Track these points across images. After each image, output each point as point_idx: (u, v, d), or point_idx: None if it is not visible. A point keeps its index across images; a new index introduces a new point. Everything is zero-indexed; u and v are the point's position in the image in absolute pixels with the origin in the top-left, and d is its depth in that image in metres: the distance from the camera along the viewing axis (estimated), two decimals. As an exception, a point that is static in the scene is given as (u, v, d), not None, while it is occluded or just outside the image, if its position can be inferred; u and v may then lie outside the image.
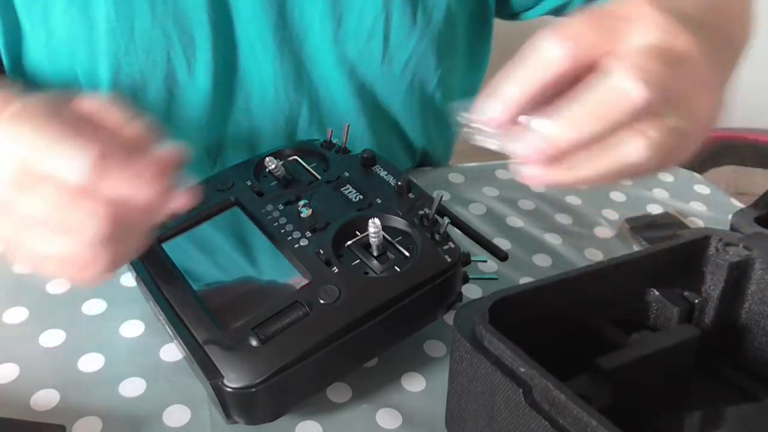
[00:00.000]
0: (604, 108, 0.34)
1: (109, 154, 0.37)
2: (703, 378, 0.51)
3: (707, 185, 0.83)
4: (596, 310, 0.49)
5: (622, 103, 0.34)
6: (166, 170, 0.39)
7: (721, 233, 0.51)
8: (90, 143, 0.37)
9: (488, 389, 0.41)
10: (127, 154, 0.38)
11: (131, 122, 0.41)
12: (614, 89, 0.34)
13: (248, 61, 0.65)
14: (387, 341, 0.52)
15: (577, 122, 0.35)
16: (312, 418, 0.50)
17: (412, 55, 0.68)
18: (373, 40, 0.66)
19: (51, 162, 0.37)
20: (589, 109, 0.35)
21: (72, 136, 0.37)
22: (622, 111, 0.34)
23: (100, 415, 0.49)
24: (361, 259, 0.50)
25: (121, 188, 0.38)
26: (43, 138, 0.38)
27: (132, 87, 0.63)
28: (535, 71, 0.36)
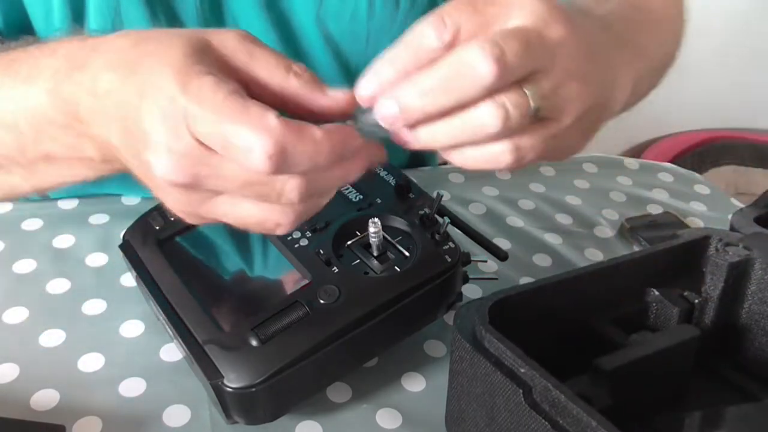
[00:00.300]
0: (453, 80, 0.35)
1: (285, 138, 0.35)
2: (703, 378, 0.51)
3: (707, 185, 0.83)
4: (596, 310, 0.49)
5: (470, 77, 0.35)
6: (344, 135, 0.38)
7: (721, 233, 0.51)
8: (263, 132, 0.35)
9: (488, 389, 0.41)
10: (300, 131, 0.36)
11: (288, 72, 0.39)
12: (463, 63, 0.35)
13: None
14: (387, 341, 0.52)
15: (426, 93, 0.36)
16: (312, 418, 0.50)
17: (396, 35, 0.68)
18: (357, 21, 0.66)
19: (229, 152, 0.36)
20: (437, 81, 0.35)
21: (243, 121, 0.35)
22: (470, 84, 0.35)
23: (100, 415, 0.49)
24: (361, 259, 0.50)
25: (307, 165, 0.37)
26: (211, 117, 0.35)
27: None
28: (409, 54, 0.37)
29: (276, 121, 0.35)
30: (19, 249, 0.62)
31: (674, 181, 0.83)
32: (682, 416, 0.49)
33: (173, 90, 0.36)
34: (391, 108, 0.37)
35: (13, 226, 0.64)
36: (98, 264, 0.61)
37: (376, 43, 0.68)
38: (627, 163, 0.85)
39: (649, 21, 0.56)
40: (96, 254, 0.62)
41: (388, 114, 0.37)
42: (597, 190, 0.79)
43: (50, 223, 0.65)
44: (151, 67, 0.37)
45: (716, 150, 1.82)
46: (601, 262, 0.50)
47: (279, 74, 0.39)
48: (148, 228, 0.55)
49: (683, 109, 1.84)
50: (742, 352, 0.52)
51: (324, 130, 0.37)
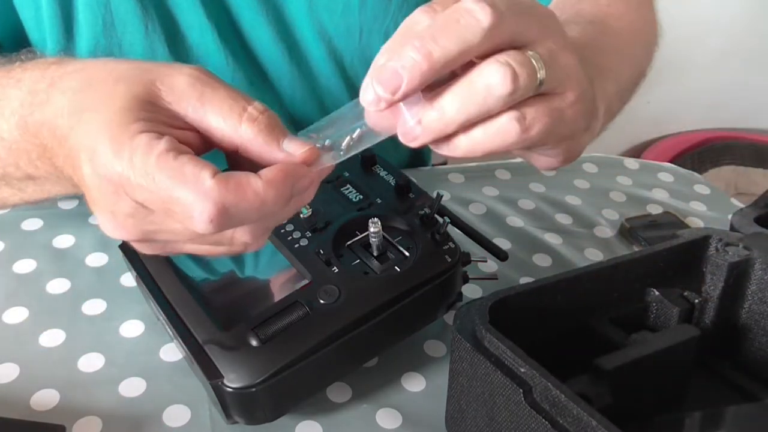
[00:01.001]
0: (453, 27, 0.34)
1: (225, 199, 0.34)
2: (703, 378, 0.51)
3: (707, 185, 0.83)
4: (596, 310, 0.49)
5: (469, 22, 0.34)
6: (290, 177, 0.37)
7: (721, 233, 0.51)
8: (200, 196, 0.34)
9: (488, 389, 0.41)
10: (240, 187, 0.35)
11: (241, 118, 0.37)
12: (461, 9, 0.34)
13: None
14: (387, 341, 0.52)
15: (427, 41, 0.34)
16: (312, 418, 0.50)
17: (389, 28, 0.68)
18: (349, 14, 0.66)
19: (169, 216, 0.36)
20: (437, 30, 0.35)
21: (178, 186, 0.34)
22: (470, 29, 0.34)
23: (100, 415, 0.49)
24: (361, 259, 0.50)
25: (253, 219, 0.36)
26: (145, 184, 0.34)
27: None
28: (405, 43, 0.36)
29: (212, 183, 0.34)
30: (19, 249, 0.62)
31: (674, 181, 0.83)
32: (682, 416, 0.49)
33: (108, 157, 0.35)
34: (391, 68, 0.35)
35: (13, 226, 0.64)
36: (98, 264, 0.61)
37: (369, 37, 0.68)
38: (627, 163, 0.85)
39: (617, 45, 0.56)
40: (96, 254, 0.62)
41: (389, 74, 0.35)
42: (597, 190, 0.79)
43: (50, 223, 0.65)
44: (87, 130, 0.37)
45: (716, 150, 1.82)
46: (601, 262, 0.50)
47: (231, 122, 0.37)
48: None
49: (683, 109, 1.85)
50: (742, 352, 0.52)
51: (267, 180, 0.35)
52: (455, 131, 0.37)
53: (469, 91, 0.35)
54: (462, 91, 0.35)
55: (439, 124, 0.36)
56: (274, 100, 0.69)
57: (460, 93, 0.35)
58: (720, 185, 1.49)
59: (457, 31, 0.34)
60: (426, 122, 0.36)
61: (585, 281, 0.47)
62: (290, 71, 0.68)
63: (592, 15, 0.58)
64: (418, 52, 0.34)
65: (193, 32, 0.63)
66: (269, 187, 0.35)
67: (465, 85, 0.35)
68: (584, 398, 0.37)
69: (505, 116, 0.36)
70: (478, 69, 0.35)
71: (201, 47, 0.64)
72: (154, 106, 0.37)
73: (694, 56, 1.78)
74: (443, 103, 0.36)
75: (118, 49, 0.62)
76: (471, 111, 0.36)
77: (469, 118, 0.36)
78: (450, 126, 0.36)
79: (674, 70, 1.74)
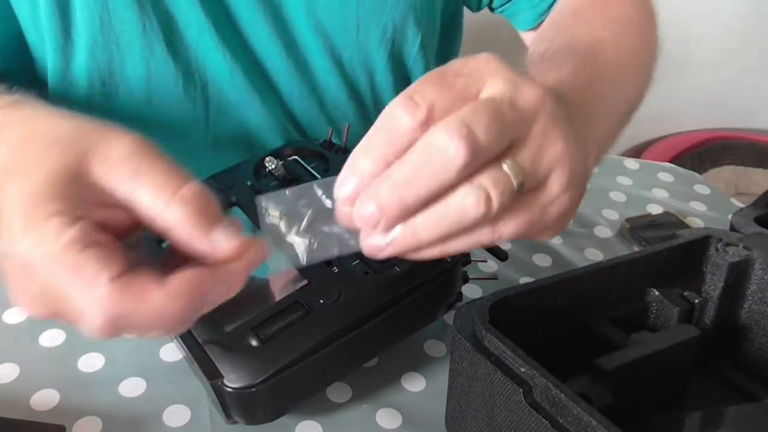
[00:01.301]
0: (425, 168, 0.33)
1: (118, 308, 0.33)
2: (703, 378, 0.51)
3: (707, 185, 0.83)
4: (596, 310, 0.49)
5: (441, 162, 0.33)
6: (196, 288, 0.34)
7: (721, 233, 0.51)
8: (92, 299, 0.33)
9: (488, 389, 0.41)
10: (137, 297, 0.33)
11: (170, 202, 0.35)
12: (432, 148, 0.33)
13: None
14: (387, 341, 0.52)
15: (402, 185, 0.34)
16: (312, 418, 0.50)
17: (387, 24, 0.68)
18: (346, 9, 0.66)
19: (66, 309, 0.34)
20: (411, 172, 0.33)
21: (73, 283, 0.33)
22: (443, 169, 0.33)
23: (100, 415, 0.49)
24: (361, 259, 0.50)
25: (146, 329, 0.34)
26: (46, 272, 0.33)
27: (109, 63, 0.63)
28: (385, 140, 0.35)
29: (106, 289, 0.32)
30: None
31: (674, 181, 0.83)
32: (682, 416, 0.49)
33: (18, 234, 0.33)
34: (369, 208, 0.34)
35: (13, 226, 0.64)
36: (98, 264, 0.61)
37: (366, 33, 0.68)
38: (627, 163, 0.85)
39: (611, 77, 0.54)
40: (96, 254, 0.62)
41: (367, 214, 0.34)
42: (597, 190, 0.79)
43: (50, 223, 0.65)
44: (10, 196, 0.35)
45: (716, 150, 1.82)
46: (601, 262, 0.50)
47: (160, 202, 0.35)
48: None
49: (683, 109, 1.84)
50: (742, 352, 0.52)
51: (169, 294, 0.33)
52: None
53: (443, 214, 0.34)
54: (436, 213, 0.34)
55: (410, 243, 0.35)
56: (274, 97, 0.69)
57: (435, 215, 0.34)
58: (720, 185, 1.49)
59: (430, 173, 0.33)
60: (397, 240, 0.35)
61: (585, 281, 0.47)
62: (288, 68, 0.68)
63: (586, 45, 0.56)
64: (392, 195, 0.34)
65: (192, 30, 0.63)
66: (170, 301, 0.33)
67: (439, 209, 0.34)
68: (584, 398, 0.37)
69: (478, 229, 0.36)
70: (452, 193, 0.34)
71: (199, 45, 0.64)
72: (82, 179, 0.35)
73: (695, 56, 1.78)
74: (416, 224, 0.35)
75: (116, 48, 0.62)
76: (444, 232, 0.35)
77: (442, 238, 0.35)
78: (421, 244, 0.36)
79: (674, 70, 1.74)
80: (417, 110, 0.34)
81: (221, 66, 0.65)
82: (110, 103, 0.65)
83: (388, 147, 0.34)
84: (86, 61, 0.62)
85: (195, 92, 0.66)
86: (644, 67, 0.62)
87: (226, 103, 0.67)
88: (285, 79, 0.68)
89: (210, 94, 0.66)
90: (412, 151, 0.34)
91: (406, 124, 0.34)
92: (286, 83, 0.69)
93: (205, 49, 0.64)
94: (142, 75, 0.64)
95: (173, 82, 0.65)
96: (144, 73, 0.64)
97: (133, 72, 0.63)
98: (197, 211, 0.35)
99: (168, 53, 0.63)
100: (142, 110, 0.65)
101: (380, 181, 0.34)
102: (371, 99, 0.73)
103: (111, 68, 0.63)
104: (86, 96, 0.64)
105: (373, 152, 0.35)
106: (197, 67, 0.65)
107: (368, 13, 0.67)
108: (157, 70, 0.64)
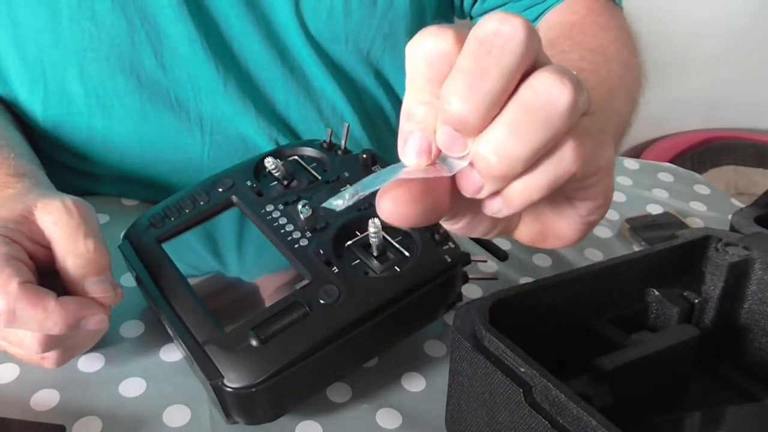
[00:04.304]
0: (543, 111, 0.30)
1: (18, 303, 0.43)
2: (703, 378, 0.51)
3: (707, 185, 0.83)
4: (596, 310, 0.49)
5: (556, 102, 0.30)
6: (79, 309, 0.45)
7: (721, 233, 0.51)
8: (4, 293, 0.43)
9: (488, 389, 0.41)
10: (35, 299, 0.43)
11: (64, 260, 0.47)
12: (544, 91, 0.30)
13: None
14: (387, 341, 0.52)
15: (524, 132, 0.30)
16: (312, 418, 0.50)
17: (376, 35, 0.68)
18: (334, 19, 0.66)
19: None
20: (529, 117, 0.30)
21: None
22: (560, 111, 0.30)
23: (100, 415, 0.49)
24: (361, 259, 0.50)
25: (36, 328, 0.44)
26: None
27: (100, 76, 0.63)
28: None
29: (15, 287, 0.43)
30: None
31: (674, 181, 0.83)
32: (682, 416, 0.49)
33: None
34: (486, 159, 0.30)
35: (13, 226, 0.64)
36: (98, 264, 0.61)
37: (356, 44, 0.68)
38: (627, 163, 0.85)
39: (620, 83, 0.54)
40: (96, 254, 0.62)
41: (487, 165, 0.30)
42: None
43: (50, 223, 0.65)
44: None
45: (716, 150, 1.82)
46: (601, 262, 0.50)
47: (61, 257, 0.47)
48: (148, 228, 0.55)
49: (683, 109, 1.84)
50: (742, 352, 0.52)
51: (59, 302, 0.44)
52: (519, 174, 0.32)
53: (542, 169, 0.31)
54: (520, 118, 0.30)
55: (503, 168, 0.31)
56: (267, 108, 0.69)
57: (519, 122, 0.30)
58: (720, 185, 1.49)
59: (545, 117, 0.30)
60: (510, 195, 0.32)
61: (585, 281, 0.47)
62: (283, 77, 0.68)
63: (596, 46, 0.57)
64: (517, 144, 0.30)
65: (183, 44, 0.63)
66: (58, 307, 0.44)
67: (522, 109, 0.30)
68: (584, 398, 0.37)
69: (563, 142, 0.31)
70: (528, 86, 0.30)
71: (192, 58, 0.64)
72: (24, 223, 0.47)
73: (694, 56, 1.78)
74: (505, 142, 0.30)
75: (106, 62, 0.62)
76: (537, 141, 0.30)
77: (535, 150, 0.30)
78: (517, 166, 0.31)
79: (674, 70, 1.74)
80: None
81: (213, 78, 0.65)
82: (105, 116, 0.65)
83: None
84: (79, 75, 0.62)
85: (188, 104, 0.66)
86: (630, 91, 0.61)
87: (221, 114, 0.67)
88: (280, 87, 0.68)
89: (203, 106, 0.67)
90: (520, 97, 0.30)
91: None
92: (281, 91, 0.69)
93: (197, 62, 0.64)
94: (134, 88, 0.64)
95: (165, 94, 0.65)
96: (136, 86, 0.64)
97: (126, 85, 0.64)
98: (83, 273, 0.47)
99: (158, 67, 0.63)
100: (137, 124, 0.66)
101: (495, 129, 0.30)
102: (369, 102, 0.73)
103: (103, 82, 0.63)
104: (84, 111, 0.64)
105: None
106: (189, 80, 0.65)
107: (356, 25, 0.67)
108: (148, 84, 0.64)
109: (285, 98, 0.69)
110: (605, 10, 0.68)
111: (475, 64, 0.29)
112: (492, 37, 0.29)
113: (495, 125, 0.30)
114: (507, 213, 0.33)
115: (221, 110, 0.67)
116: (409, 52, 0.31)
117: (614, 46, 0.62)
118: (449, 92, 0.30)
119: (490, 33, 0.29)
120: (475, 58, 0.29)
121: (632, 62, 0.64)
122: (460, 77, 0.29)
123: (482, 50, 0.29)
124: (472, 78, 0.29)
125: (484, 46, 0.29)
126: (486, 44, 0.29)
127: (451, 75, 0.30)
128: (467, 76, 0.29)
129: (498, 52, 0.29)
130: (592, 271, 0.48)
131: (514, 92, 0.30)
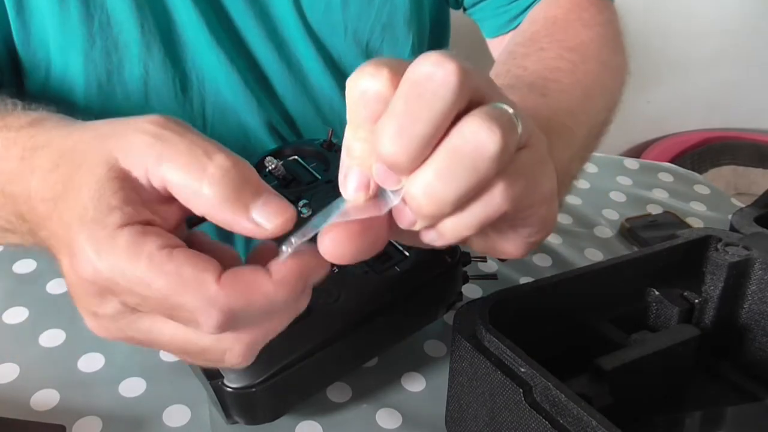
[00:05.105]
0: (469, 158, 0.29)
1: (232, 305, 0.31)
2: (703, 378, 0.51)
3: (707, 185, 0.83)
4: (596, 310, 0.49)
5: (483, 148, 0.29)
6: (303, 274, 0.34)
7: (721, 233, 0.51)
8: (205, 305, 0.31)
9: (488, 389, 0.41)
10: (248, 291, 0.32)
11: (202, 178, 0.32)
12: (472, 137, 0.29)
13: None
14: (387, 341, 0.52)
15: (451, 177, 0.30)
16: (312, 418, 0.50)
17: (375, 26, 0.68)
18: (332, 12, 0.66)
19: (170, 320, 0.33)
20: (456, 162, 0.30)
21: (178, 294, 0.31)
22: (487, 158, 0.29)
23: (100, 415, 0.49)
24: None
25: (260, 321, 0.34)
26: (138, 290, 0.31)
27: (107, 64, 0.63)
28: None
29: (216, 289, 0.31)
30: (19, 249, 0.62)
31: (674, 181, 0.83)
32: (682, 416, 0.49)
33: (88, 258, 0.32)
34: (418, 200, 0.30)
35: (13, 226, 0.64)
36: (98, 264, 0.61)
37: (354, 35, 0.68)
38: (627, 163, 0.85)
39: (567, 105, 0.53)
40: (96, 254, 0.62)
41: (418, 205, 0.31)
42: (597, 190, 0.79)
43: (50, 223, 0.65)
44: (64, 223, 0.33)
45: (716, 150, 1.82)
46: (601, 262, 0.50)
47: (189, 188, 0.32)
48: None
49: (683, 109, 1.84)
50: (742, 352, 0.52)
51: (278, 281, 0.32)
52: None
53: (458, 155, 0.30)
54: (450, 153, 0.30)
55: (431, 209, 0.31)
56: (269, 98, 0.69)
57: (449, 157, 0.30)
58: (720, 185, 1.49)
59: (474, 162, 0.30)
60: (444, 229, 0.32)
61: (585, 281, 0.47)
62: (281, 69, 0.68)
63: (535, 75, 0.55)
64: (446, 187, 0.30)
65: (188, 31, 0.63)
66: (280, 288, 0.32)
67: (453, 145, 0.30)
68: (584, 398, 0.37)
69: (491, 189, 0.31)
70: (458, 131, 0.30)
71: (196, 46, 0.64)
72: (122, 182, 0.33)
73: (694, 56, 1.78)
74: (433, 185, 0.30)
75: (114, 49, 0.62)
76: (463, 185, 0.30)
77: (461, 194, 0.30)
78: (445, 208, 0.31)
79: (674, 70, 1.74)
80: None
81: (217, 67, 0.65)
82: (108, 105, 0.65)
83: None
84: (83, 63, 0.62)
85: (192, 93, 0.66)
86: (607, 90, 0.60)
87: (223, 104, 0.67)
88: (279, 80, 0.68)
89: (206, 95, 0.66)
90: (449, 140, 0.30)
91: None
92: (280, 84, 0.69)
93: (201, 50, 0.64)
94: (139, 76, 0.64)
95: (171, 83, 0.65)
96: (141, 74, 0.64)
97: (131, 73, 0.64)
98: (231, 191, 0.33)
99: (165, 54, 0.63)
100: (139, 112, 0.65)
101: (425, 171, 0.30)
102: None
103: (109, 69, 0.63)
104: (84, 99, 0.64)
105: None
106: (194, 68, 0.65)
107: (354, 16, 0.67)
108: (154, 71, 0.64)
109: (284, 91, 0.69)
110: (591, 4, 0.67)
111: (406, 107, 0.29)
112: (424, 81, 0.29)
113: (425, 167, 0.30)
114: (442, 244, 0.33)
115: (223, 100, 0.67)
116: (348, 89, 0.31)
117: (594, 44, 0.62)
118: (381, 134, 0.30)
119: (423, 76, 0.29)
120: (407, 101, 0.29)
121: (612, 60, 0.63)
122: (392, 120, 0.30)
123: (414, 93, 0.29)
124: (402, 121, 0.29)
125: (415, 89, 0.29)
126: (418, 87, 0.29)
127: (384, 116, 0.30)
128: (399, 119, 0.30)
129: (429, 96, 0.29)
130: (592, 271, 0.48)
131: (446, 133, 0.30)
